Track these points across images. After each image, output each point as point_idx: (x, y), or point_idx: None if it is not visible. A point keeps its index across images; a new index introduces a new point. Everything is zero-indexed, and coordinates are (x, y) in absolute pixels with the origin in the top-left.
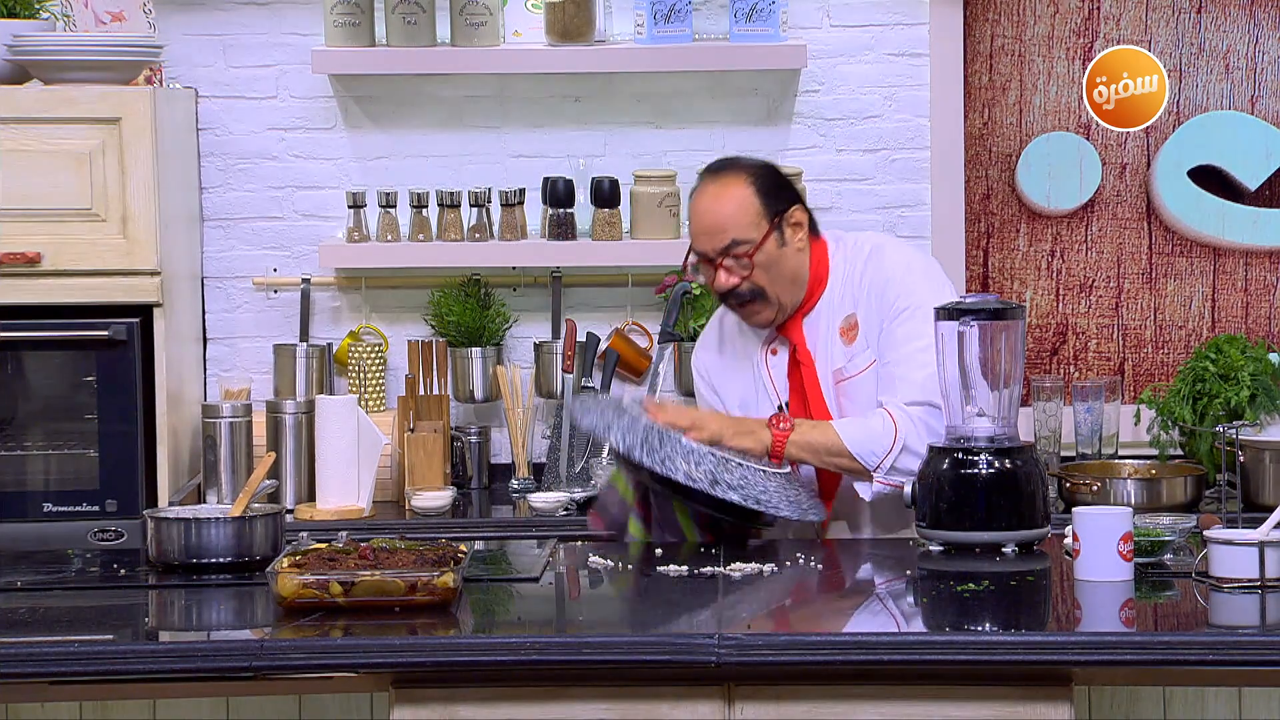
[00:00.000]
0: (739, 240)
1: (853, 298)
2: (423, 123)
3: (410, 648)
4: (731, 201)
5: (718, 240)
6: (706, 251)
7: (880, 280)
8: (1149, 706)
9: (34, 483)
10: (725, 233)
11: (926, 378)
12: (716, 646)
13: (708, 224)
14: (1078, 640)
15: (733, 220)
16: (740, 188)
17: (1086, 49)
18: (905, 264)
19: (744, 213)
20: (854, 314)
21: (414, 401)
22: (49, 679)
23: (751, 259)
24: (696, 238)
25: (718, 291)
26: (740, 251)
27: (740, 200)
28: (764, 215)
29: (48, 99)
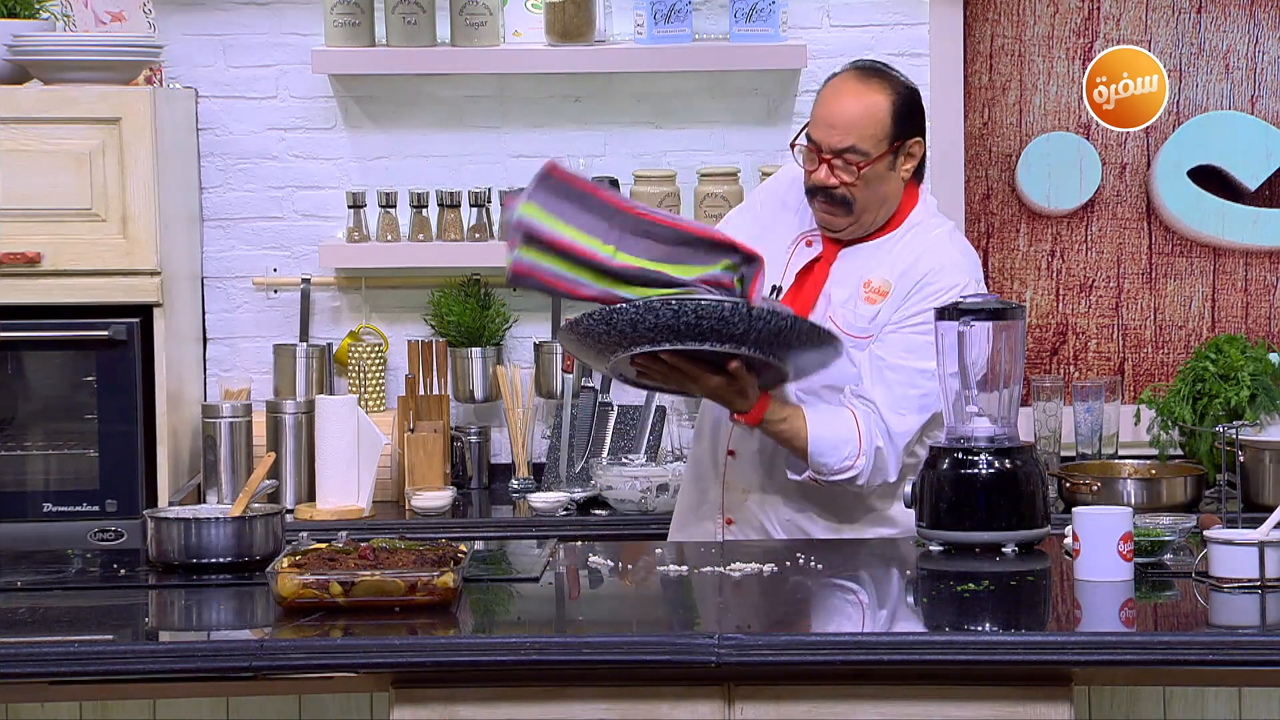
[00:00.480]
0: (858, 149)
1: (900, 270)
2: (423, 123)
3: (410, 648)
4: (867, 108)
5: (837, 139)
6: (821, 144)
7: (931, 278)
8: (1149, 706)
9: (34, 483)
10: (849, 135)
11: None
12: (716, 647)
13: (836, 119)
14: (1078, 640)
15: (860, 127)
16: (880, 98)
17: (1086, 49)
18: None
19: (874, 124)
20: (891, 284)
21: (414, 401)
22: (49, 679)
23: (860, 170)
24: (818, 125)
25: (813, 185)
26: (853, 159)
27: (875, 111)
28: (890, 135)
29: (48, 99)
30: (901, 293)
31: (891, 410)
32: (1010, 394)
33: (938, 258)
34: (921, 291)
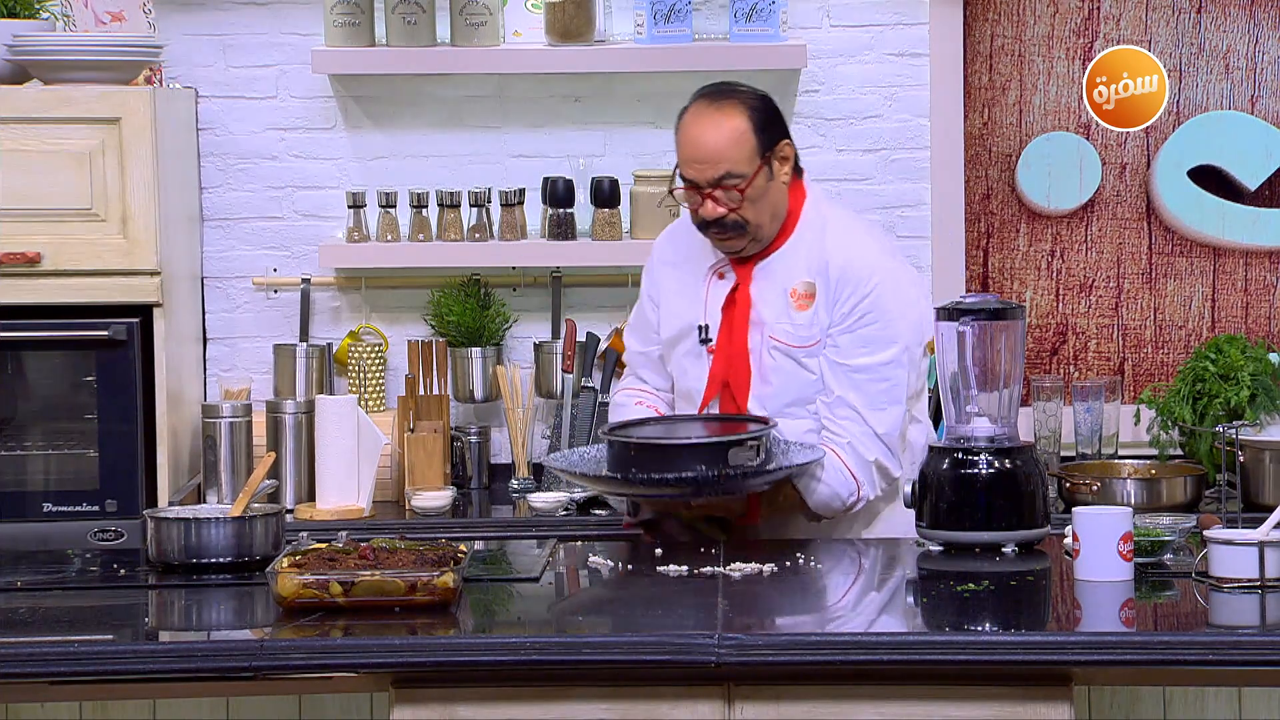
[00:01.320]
0: (733, 173)
1: (816, 267)
2: (423, 123)
3: (410, 648)
4: (729, 133)
5: (710, 171)
6: (697, 180)
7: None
8: (1149, 706)
9: (34, 483)
10: (720, 165)
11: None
12: (716, 646)
13: (702, 154)
14: (1078, 640)
15: (728, 153)
16: (739, 119)
17: (1086, 49)
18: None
19: (740, 146)
20: (814, 284)
21: (414, 401)
22: (49, 679)
23: (742, 193)
24: (687, 165)
25: (702, 220)
26: (732, 184)
27: (738, 133)
28: (758, 150)
29: (48, 99)
30: (828, 292)
31: (871, 410)
32: (1010, 394)
33: (848, 250)
34: (848, 286)
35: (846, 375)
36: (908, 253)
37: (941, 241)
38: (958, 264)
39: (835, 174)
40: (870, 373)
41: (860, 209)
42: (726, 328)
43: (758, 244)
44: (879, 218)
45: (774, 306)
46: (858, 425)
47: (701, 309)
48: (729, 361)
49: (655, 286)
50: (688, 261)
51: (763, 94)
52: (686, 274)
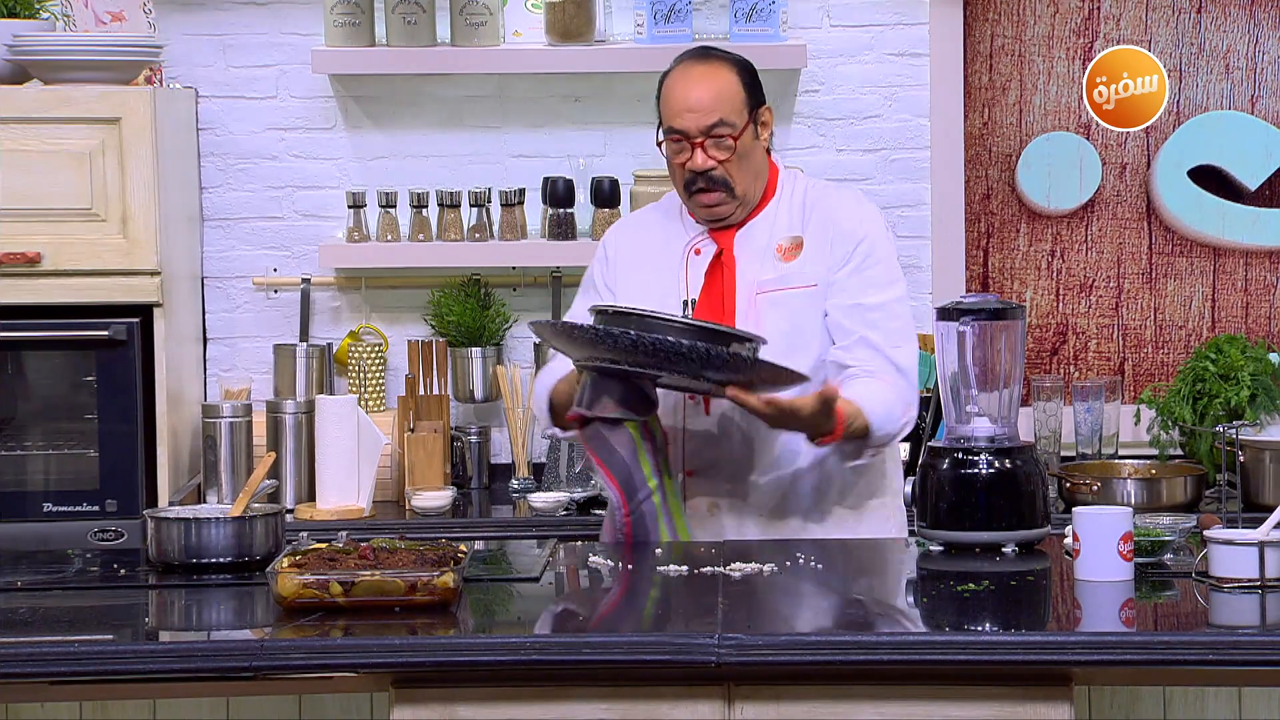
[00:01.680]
0: (725, 121)
1: (800, 223)
2: (423, 123)
3: (410, 648)
4: (721, 83)
5: (704, 119)
6: (689, 129)
7: (839, 217)
8: (1149, 706)
9: (34, 483)
10: (713, 112)
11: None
12: (716, 646)
13: (694, 101)
14: (1078, 640)
15: (721, 101)
16: (728, 73)
17: (1086, 49)
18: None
19: (732, 96)
20: (800, 236)
21: (414, 401)
22: (49, 679)
23: (735, 142)
24: (679, 115)
25: (691, 171)
26: (724, 133)
27: (729, 84)
28: (747, 104)
29: (48, 99)
30: (821, 242)
31: (892, 346)
32: (1010, 394)
33: (831, 201)
34: (842, 233)
35: (861, 314)
36: (908, 253)
37: (941, 241)
38: (958, 264)
39: (835, 174)
40: (884, 310)
41: None
42: (708, 293)
43: (742, 209)
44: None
45: (760, 264)
46: (880, 359)
47: (682, 286)
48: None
49: (614, 277)
50: (657, 247)
51: (745, 58)
52: (657, 260)
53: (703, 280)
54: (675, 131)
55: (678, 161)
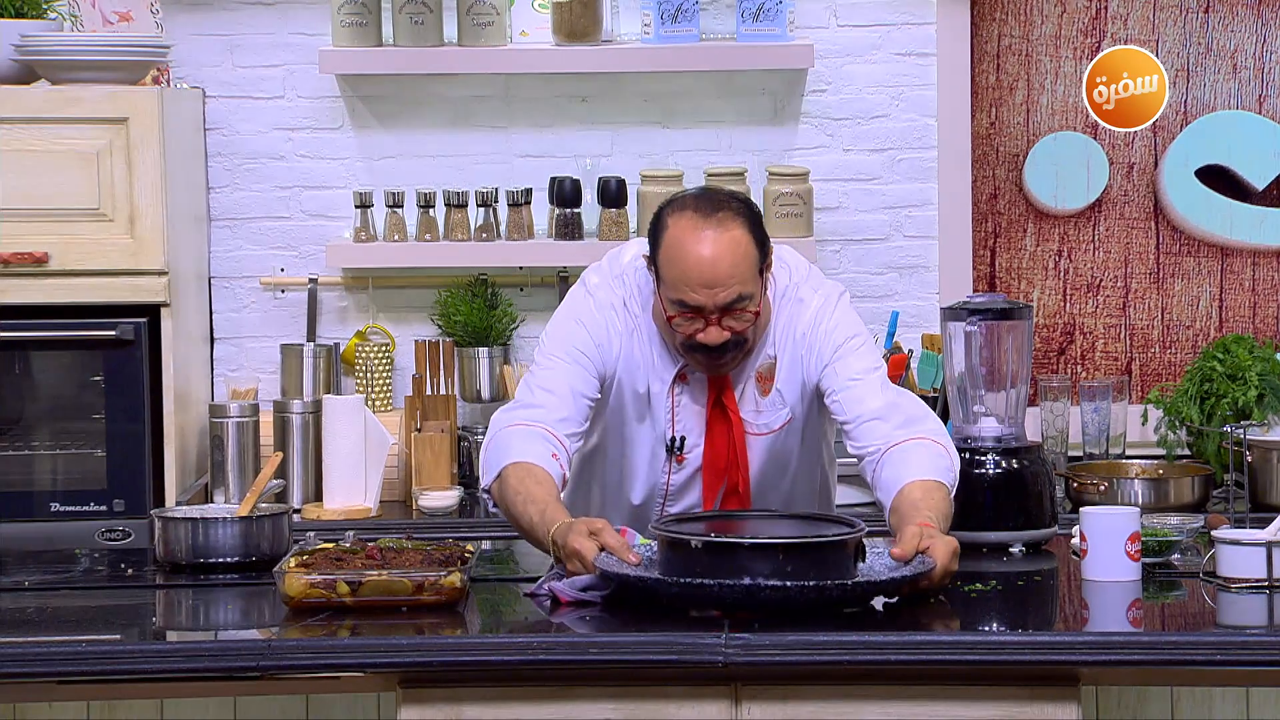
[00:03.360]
0: (744, 295)
1: (772, 341)
2: (430, 123)
3: (417, 648)
4: (736, 252)
5: (722, 295)
6: (704, 306)
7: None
8: (1157, 706)
9: (41, 482)
10: (731, 287)
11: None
12: (723, 646)
13: (711, 276)
14: (1085, 640)
15: (738, 274)
16: (741, 234)
17: (1094, 49)
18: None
19: (748, 264)
20: (774, 360)
21: (421, 401)
22: (56, 678)
23: (756, 314)
24: (693, 289)
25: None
26: (743, 307)
27: (744, 250)
28: (758, 264)
29: (55, 99)
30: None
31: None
32: (1017, 394)
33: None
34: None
35: (853, 385)
36: (914, 253)
37: (948, 241)
38: (965, 264)
39: (842, 174)
40: (875, 373)
41: (867, 209)
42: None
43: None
44: (886, 218)
45: (747, 403)
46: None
47: (668, 417)
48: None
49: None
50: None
51: (745, 197)
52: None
53: (704, 425)
54: (688, 307)
55: (687, 333)
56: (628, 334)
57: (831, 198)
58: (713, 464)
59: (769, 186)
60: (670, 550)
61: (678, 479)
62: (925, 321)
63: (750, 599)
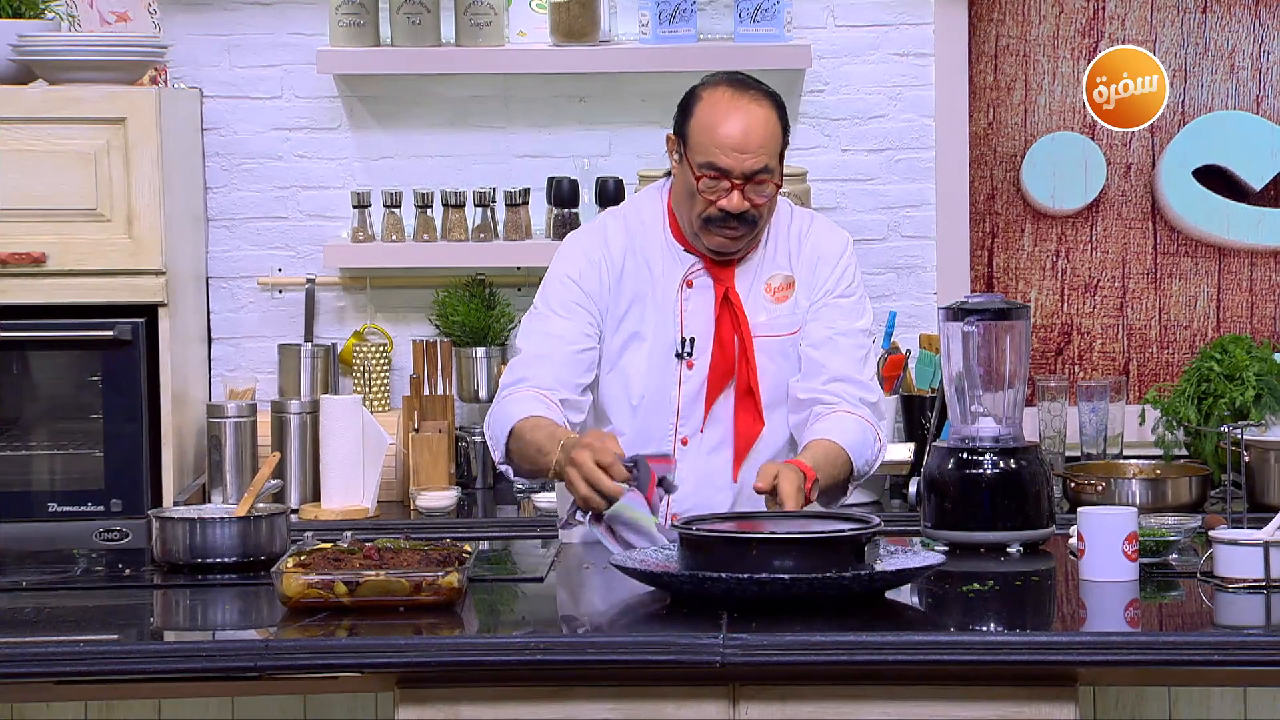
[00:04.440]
0: (771, 168)
1: (789, 260)
2: (427, 123)
3: (415, 648)
4: (767, 125)
5: (752, 162)
6: (733, 170)
7: (827, 254)
8: (1154, 706)
9: (39, 483)
10: (760, 156)
11: (871, 370)
12: (721, 647)
13: (743, 141)
14: (1083, 640)
15: (768, 144)
16: (772, 112)
17: (1091, 49)
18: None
19: (774, 140)
20: (791, 276)
21: (419, 401)
22: (54, 679)
23: (777, 188)
24: (725, 153)
25: (722, 212)
26: (766, 179)
27: (773, 126)
28: (782, 144)
29: (53, 99)
30: (808, 280)
31: (857, 372)
32: (1015, 394)
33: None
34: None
35: (831, 340)
36: (912, 253)
37: (946, 241)
38: (962, 264)
39: (840, 174)
40: (853, 337)
41: (865, 209)
42: (720, 339)
43: (753, 243)
44: (884, 218)
45: (752, 305)
46: (849, 387)
47: (676, 322)
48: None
49: (599, 281)
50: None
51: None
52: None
53: (712, 323)
54: (715, 169)
55: (711, 198)
56: (624, 253)
57: (830, 198)
58: (720, 362)
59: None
60: (685, 546)
61: (689, 390)
62: (923, 322)
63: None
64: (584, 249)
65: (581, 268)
